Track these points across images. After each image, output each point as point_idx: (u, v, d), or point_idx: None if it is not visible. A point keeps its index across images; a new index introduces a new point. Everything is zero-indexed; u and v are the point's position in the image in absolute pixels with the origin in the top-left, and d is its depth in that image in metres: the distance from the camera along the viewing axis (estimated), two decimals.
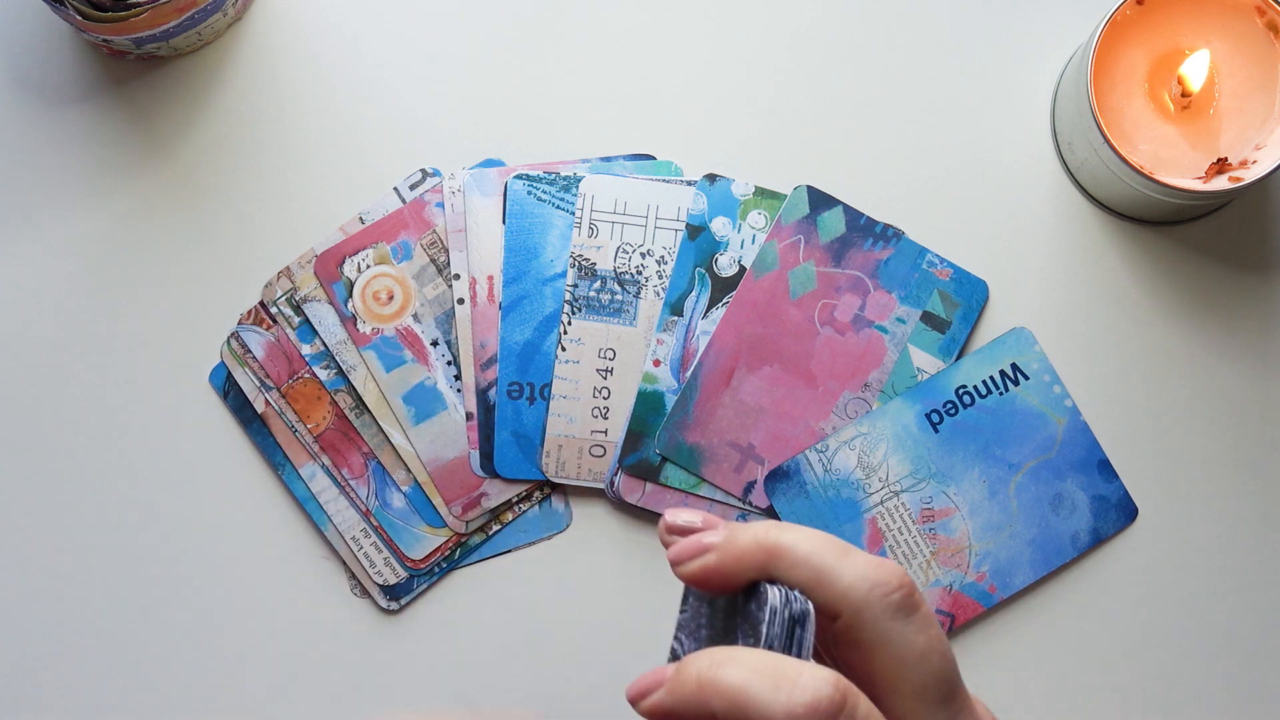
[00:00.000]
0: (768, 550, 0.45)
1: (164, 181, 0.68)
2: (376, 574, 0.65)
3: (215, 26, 0.67)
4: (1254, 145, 0.63)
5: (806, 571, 0.45)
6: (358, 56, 0.68)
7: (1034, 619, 0.66)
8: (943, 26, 0.68)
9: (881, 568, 0.45)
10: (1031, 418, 0.65)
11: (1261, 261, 0.67)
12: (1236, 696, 0.65)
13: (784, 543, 0.45)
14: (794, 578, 0.45)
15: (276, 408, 0.66)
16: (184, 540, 0.66)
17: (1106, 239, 0.67)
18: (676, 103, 0.68)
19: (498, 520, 0.66)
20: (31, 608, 0.66)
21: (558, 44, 0.68)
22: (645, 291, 0.66)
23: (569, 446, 0.66)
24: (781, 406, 0.65)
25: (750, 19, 0.68)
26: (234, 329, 0.67)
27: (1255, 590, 0.66)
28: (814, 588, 0.45)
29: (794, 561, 0.45)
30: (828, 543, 0.45)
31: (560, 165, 0.67)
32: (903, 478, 0.65)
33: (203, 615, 0.66)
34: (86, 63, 0.68)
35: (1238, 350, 0.67)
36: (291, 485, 0.66)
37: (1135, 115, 0.64)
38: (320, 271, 0.66)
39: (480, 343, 0.66)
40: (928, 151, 0.67)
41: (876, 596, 0.44)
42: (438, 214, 0.67)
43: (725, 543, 0.46)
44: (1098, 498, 0.65)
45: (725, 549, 0.46)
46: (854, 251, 0.66)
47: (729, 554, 0.46)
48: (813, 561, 0.45)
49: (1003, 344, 0.66)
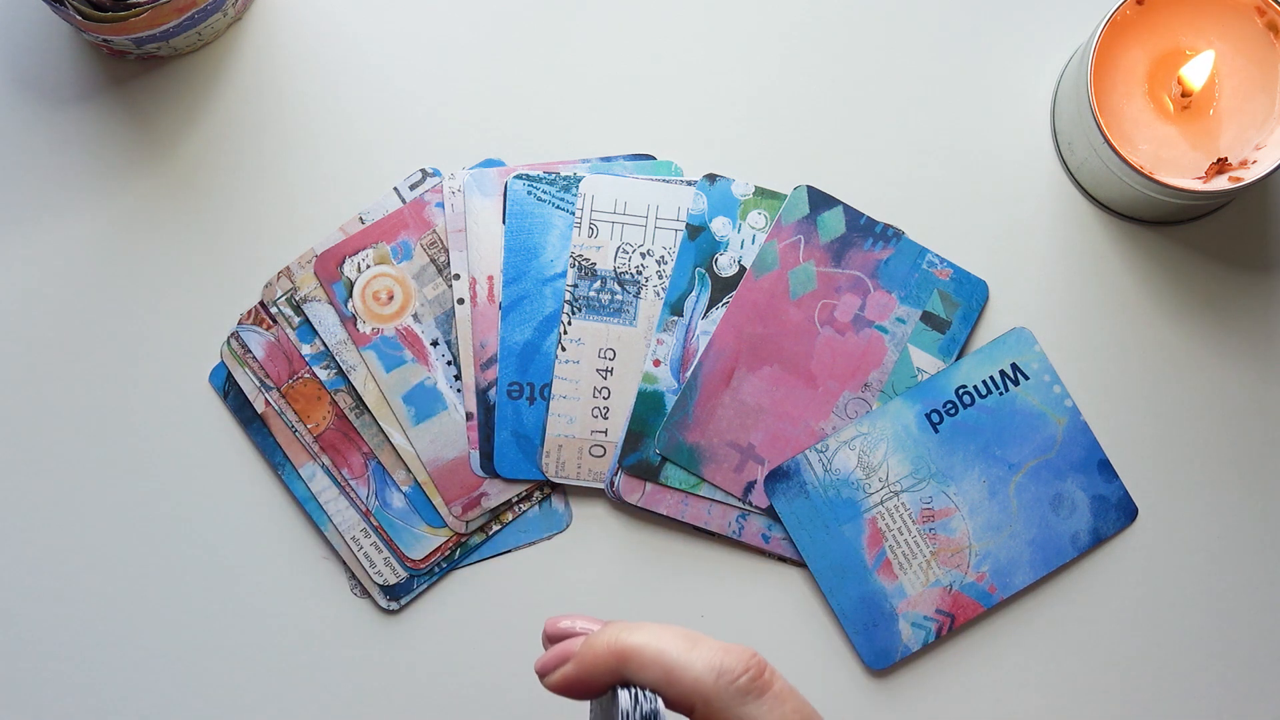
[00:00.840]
0: (617, 655, 0.48)
1: (164, 182, 0.68)
2: (376, 574, 0.65)
3: (215, 26, 0.67)
4: (1254, 145, 0.63)
5: (655, 671, 0.47)
6: (358, 57, 0.68)
7: (1034, 619, 0.66)
8: (943, 27, 0.68)
9: (728, 654, 0.47)
10: (1031, 418, 0.65)
11: (1261, 261, 0.67)
12: (1236, 696, 0.65)
13: (632, 645, 0.47)
14: (645, 679, 0.47)
15: (276, 408, 0.66)
16: (184, 540, 0.66)
17: (1106, 239, 0.67)
18: (676, 103, 0.68)
19: (498, 520, 0.66)
20: (32, 607, 0.66)
21: (558, 44, 0.68)
22: (645, 291, 0.66)
23: (569, 446, 0.66)
24: (781, 406, 0.65)
25: (750, 20, 0.68)
26: (234, 329, 0.67)
27: (1255, 590, 0.66)
28: (664, 686, 0.47)
29: (642, 663, 0.47)
30: (675, 638, 0.48)
31: (560, 165, 0.67)
32: (903, 478, 0.65)
33: (203, 615, 0.66)
34: (86, 63, 0.68)
35: (1238, 350, 0.67)
36: (291, 485, 0.66)
37: (1135, 115, 0.64)
38: (320, 271, 0.66)
39: (480, 343, 0.66)
40: (928, 152, 0.67)
41: (724, 685, 0.46)
42: (438, 214, 0.67)
43: (582, 651, 0.48)
44: (1098, 498, 0.65)
45: (581, 658, 0.48)
46: (854, 251, 0.66)
47: (584, 663, 0.48)
48: (660, 661, 0.47)
49: (1003, 344, 0.66)
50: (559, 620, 0.52)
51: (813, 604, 0.65)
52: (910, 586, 0.65)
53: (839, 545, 0.65)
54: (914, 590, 0.65)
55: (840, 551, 0.65)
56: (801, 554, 0.65)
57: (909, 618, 0.64)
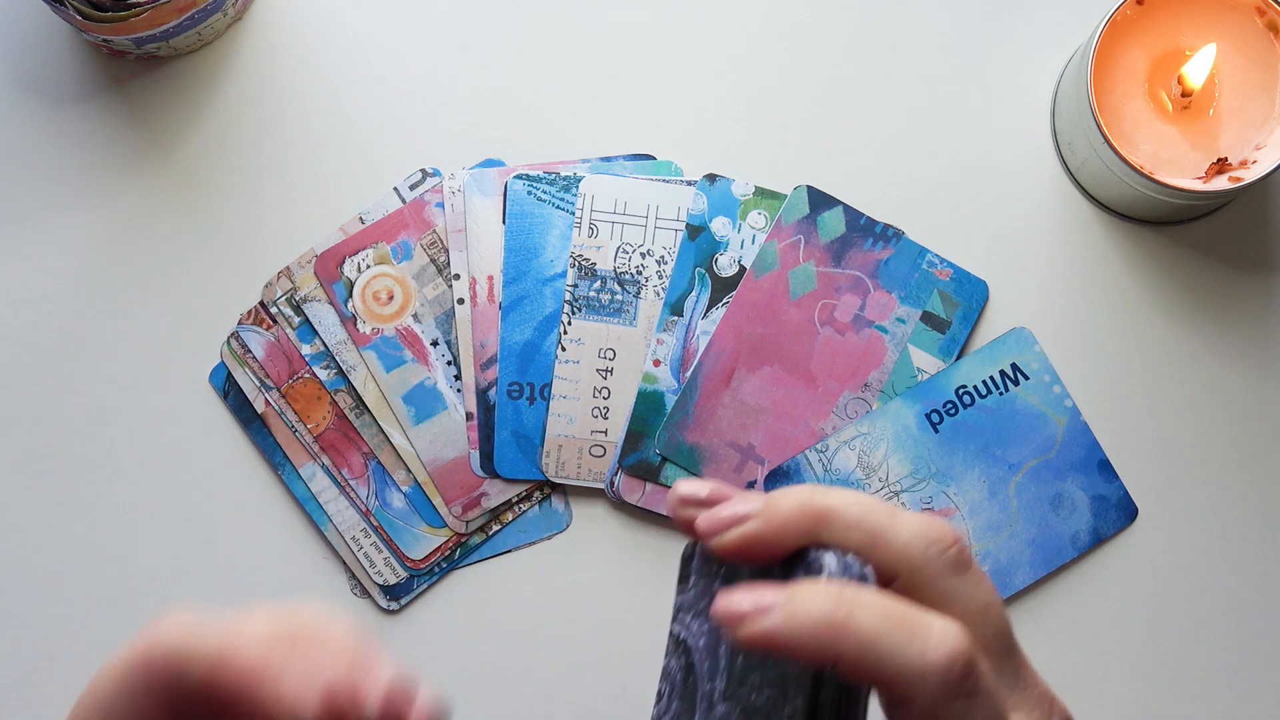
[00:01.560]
0: (815, 515, 0.42)
1: (164, 181, 0.68)
2: (376, 574, 0.65)
3: (215, 26, 0.67)
4: (1254, 145, 0.63)
5: (860, 534, 0.42)
6: (358, 57, 0.68)
7: (1034, 619, 0.66)
8: (943, 26, 0.68)
9: (933, 525, 0.42)
10: (1031, 418, 0.65)
11: (1261, 261, 0.67)
12: (1237, 696, 0.65)
13: (832, 505, 0.42)
14: (847, 541, 0.42)
15: (276, 408, 0.66)
16: (184, 540, 0.66)
17: (1106, 239, 0.67)
18: (676, 103, 0.68)
19: (498, 520, 0.66)
20: (32, 607, 0.66)
21: (557, 44, 0.68)
22: (645, 291, 0.66)
23: (569, 446, 0.66)
24: (781, 406, 0.65)
25: (750, 20, 0.68)
26: (234, 329, 0.67)
27: (1255, 590, 0.66)
28: (869, 550, 0.42)
29: (846, 525, 0.42)
30: (875, 504, 0.42)
31: (560, 165, 0.67)
32: (903, 478, 0.65)
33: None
34: (86, 63, 0.68)
35: (1238, 350, 0.67)
36: (291, 485, 0.66)
37: (1135, 115, 0.64)
38: (320, 271, 0.66)
39: (480, 343, 0.66)
40: (928, 151, 0.67)
41: (934, 554, 0.42)
42: (438, 214, 0.67)
43: (767, 509, 0.42)
44: (1098, 498, 0.65)
45: (768, 515, 0.42)
46: (854, 251, 0.66)
47: (773, 520, 0.42)
48: (865, 524, 0.42)
49: (1003, 344, 0.66)
50: (691, 483, 0.44)
51: None
52: None
53: None
54: None
55: None
56: None
57: None
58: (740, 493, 0.44)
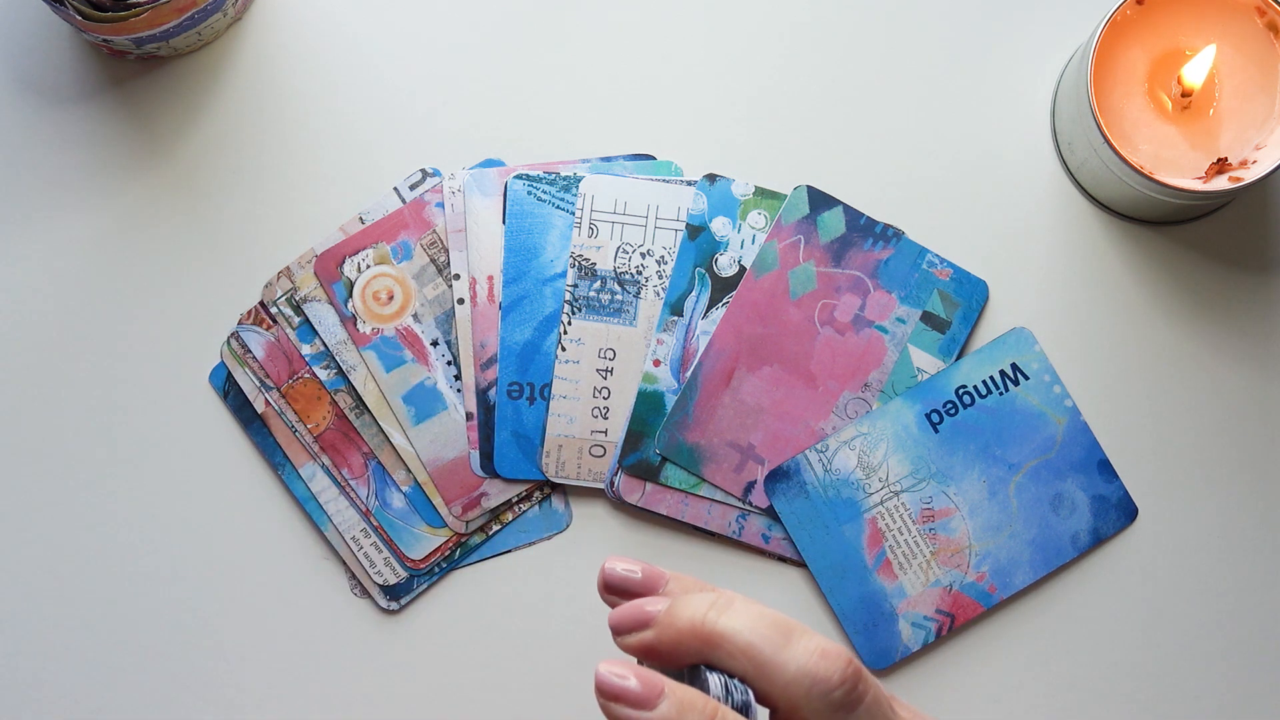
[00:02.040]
0: (704, 639, 0.44)
1: (164, 182, 0.68)
2: (376, 574, 0.65)
3: (215, 26, 0.67)
4: (1254, 145, 0.63)
5: (744, 664, 0.44)
6: (358, 57, 0.68)
7: (1034, 619, 0.66)
8: (942, 26, 0.68)
9: (824, 659, 0.43)
10: (1031, 418, 0.65)
11: (1261, 261, 0.67)
12: (1236, 696, 0.65)
13: (721, 631, 0.44)
14: (732, 668, 0.44)
15: (276, 408, 0.66)
16: (184, 540, 0.66)
17: (1106, 239, 0.67)
18: (676, 103, 0.68)
19: (498, 520, 0.66)
20: (32, 607, 0.66)
21: (557, 44, 0.68)
22: (645, 291, 0.66)
23: (569, 446, 0.66)
24: (781, 406, 0.65)
25: (750, 20, 0.68)
26: (234, 329, 0.67)
27: (1255, 590, 0.66)
28: (753, 680, 0.44)
29: (731, 652, 0.44)
30: (769, 630, 0.44)
31: (560, 165, 0.67)
32: (903, 478, 0.65)
33: (203, 615, 0.66)
34: (86, 63, 0.68)
35: (1238, 350, 0.67)
36: (291, 485, 0.66)
37: (1135, 115, 0.64)
38: (320, 271, 0.66)
39: (480, 343, 0.66)
40: (928, 151, 0.67)
41: (816, 695, 0.43)
42: (438, 214, 0.67)
43: (664, 621, 0.45)
44: (1098, 498, 0.65)
45: (663, 629, 0.45)
46: (854, 251, 0.66)
47: (666, 635, 0.45)
48: (750, 654, 0.44)
49: (1003, 344, 0.66)
50: (616, 565, 0.47)
51: (813, 604, 0.65)
52: (910, 586, 0.65)
53: (839, 545, 0.65)
54: (914, 590, 0.65)
55: (840, 552, 0.65)
56: (801, 554, 0.65)
57: (909, 618, 0.65)
58: (660, 579, 0.46)
